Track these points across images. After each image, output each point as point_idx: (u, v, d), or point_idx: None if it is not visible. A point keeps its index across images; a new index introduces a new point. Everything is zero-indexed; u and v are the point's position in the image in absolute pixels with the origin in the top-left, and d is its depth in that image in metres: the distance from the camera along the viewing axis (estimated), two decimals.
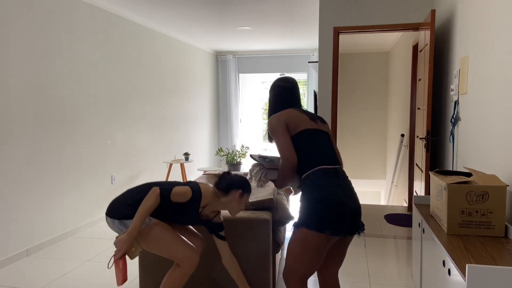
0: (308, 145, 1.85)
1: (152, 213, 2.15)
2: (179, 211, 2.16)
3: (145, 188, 2.19)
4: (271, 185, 3.06)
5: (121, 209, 2.12)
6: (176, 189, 2.09)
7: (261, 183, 1.93)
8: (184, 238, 2.26)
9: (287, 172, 1.83)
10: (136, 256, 2.05)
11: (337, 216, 1.74)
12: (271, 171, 1.94)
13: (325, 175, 1.81)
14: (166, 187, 2.09)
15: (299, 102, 2.08)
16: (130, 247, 2.02)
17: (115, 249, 1.97)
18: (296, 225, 1.83)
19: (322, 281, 2.01)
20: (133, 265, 3.36)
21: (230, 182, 2.23)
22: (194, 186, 2.17)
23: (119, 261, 1.99)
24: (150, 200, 2.02)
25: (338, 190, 1.78)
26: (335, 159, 1.89)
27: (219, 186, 2.24)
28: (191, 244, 2.26)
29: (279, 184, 1.91)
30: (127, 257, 3.49)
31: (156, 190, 2.04)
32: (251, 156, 2.01)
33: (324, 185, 1.78)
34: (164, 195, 2.06)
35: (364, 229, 1.92)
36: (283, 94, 2.06)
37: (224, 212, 2.66)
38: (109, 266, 2.03)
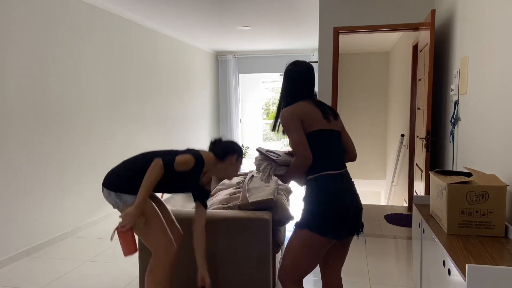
0: (319, 148, 1.83)
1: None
2: (181, 180, 2.15)
3: (143, 159, 2.15)
4: (271, 185, 3.06)
5: (118, 182, 2.10)
6: (179, 158, 2.07)
7: (270, 178, 1.92)
8: (166, 227, 2.24)
9: (300, 170, 1.82)
10: (141, 227, 2.05)
11: (340, 221, 1.76)
12: (279, 167, 1.93)
13: (332, 179, 1.80)
14: (168, 158, 2.07)
15: (313, 91, 1.98)
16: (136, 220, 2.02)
17: (120, 221, 1.98)
18: (298, 225, 1.84)
19: (325, 280, 2.02)
20: (133, 265, 3.36)
21: (225, 148, 2.25)
22: (195, 153, 2.16)
23: (127, 233, 1.98)
24: (155, 172, 2.00)
25: (343, 194, 1.79)
26: (342, 162, 1.88)
27: (216, 153, 2.25)
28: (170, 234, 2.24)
29: (286, 179, 1.92)
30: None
31: (159, 161, 2.02)
32: (258, 150, 1.98)
33: (329, 190, 1.78)
34: (168, 166, 2.04)
35: (363, 229, 1.93)
36: (298, 81, 1.94)
37: (224, 212, 2.66)
38: (112, 239, 2.04)
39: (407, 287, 2.88)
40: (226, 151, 2.24)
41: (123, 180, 2.10)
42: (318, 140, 1.83)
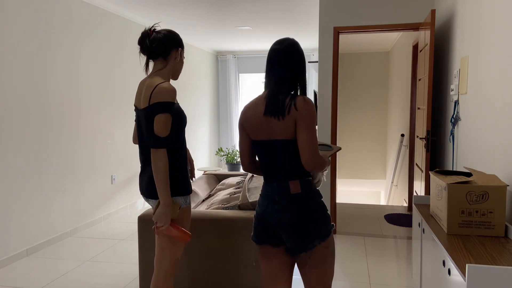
0: (259, 157, 1.80)
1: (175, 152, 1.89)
2: (179, 125, 1.91)
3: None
4: None
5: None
6: (157, 128, 1.76)
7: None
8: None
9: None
10: (177, 212, 1.89)
11: (259, 228, 1.80)
12: None
13: (264, 188, 1.80)
14: (153, 139, 1.78)
15: (276, 76, 1.69)
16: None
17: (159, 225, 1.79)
18: None
19: None
20: (133, 265, 3.36)
21: (163, 44, 1.87)
22: (162, 105, 1.77)
23: (170, 228, 1.87)
24: (160, 163, 1.77)
25: (264, 204, 1.75)
26: (279, 173, 1.71)
27: (154, 56, 1.89)
28: None
29: None
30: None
31: (156, 152, 1.78)
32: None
33: (260, 197, 1.83)
34: (162, 144, 1.78)
35: (311, 248, 1.66)
36: (268, 65, 1.73)
37: (224, 212, 2.66)
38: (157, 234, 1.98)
39: (407, 287, 2.88)
40: (167, 48, 1.88)
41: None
42: (257, 151, 1.77)
